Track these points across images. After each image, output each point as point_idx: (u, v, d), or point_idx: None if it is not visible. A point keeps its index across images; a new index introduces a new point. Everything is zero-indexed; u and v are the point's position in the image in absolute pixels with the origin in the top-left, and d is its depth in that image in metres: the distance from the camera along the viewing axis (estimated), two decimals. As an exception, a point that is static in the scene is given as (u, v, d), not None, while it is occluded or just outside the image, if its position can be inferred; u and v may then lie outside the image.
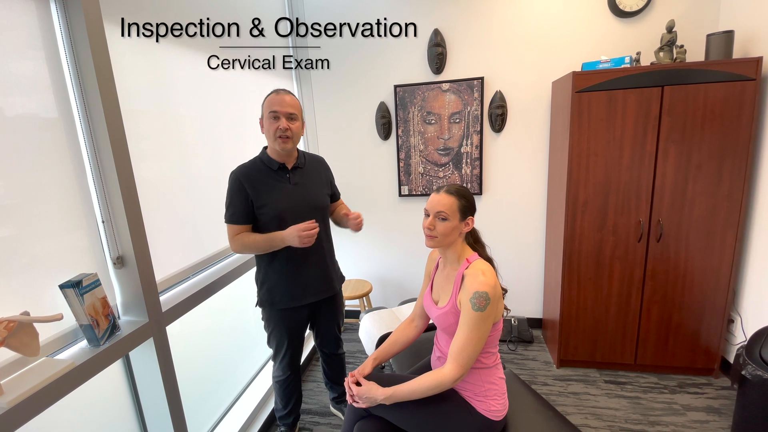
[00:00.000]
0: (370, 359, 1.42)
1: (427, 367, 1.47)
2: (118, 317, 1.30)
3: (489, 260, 1.29)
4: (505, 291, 1.27)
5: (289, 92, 1.55)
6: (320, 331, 1.90)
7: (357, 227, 1.70)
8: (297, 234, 1.47)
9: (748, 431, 1.67)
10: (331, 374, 2.04)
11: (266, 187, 1.56)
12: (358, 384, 1.31)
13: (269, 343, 1.77)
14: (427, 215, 1.26)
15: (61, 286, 1.07)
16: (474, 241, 1.32)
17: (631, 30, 2.36)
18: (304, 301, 1.68)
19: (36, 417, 0.94)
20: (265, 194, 1.55)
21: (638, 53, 2.16)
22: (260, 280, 1.68)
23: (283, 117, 1.51)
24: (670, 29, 2.12)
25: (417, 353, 1.74)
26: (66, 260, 1.14)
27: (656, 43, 2.25)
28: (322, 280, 1.72)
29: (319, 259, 1.69)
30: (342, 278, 1.86)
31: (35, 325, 0.97)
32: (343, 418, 2.06)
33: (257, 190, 1.54)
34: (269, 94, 1.54)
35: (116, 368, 1.36)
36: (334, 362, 2.01)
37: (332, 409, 2.15)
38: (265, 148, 1.63)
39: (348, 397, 1.32)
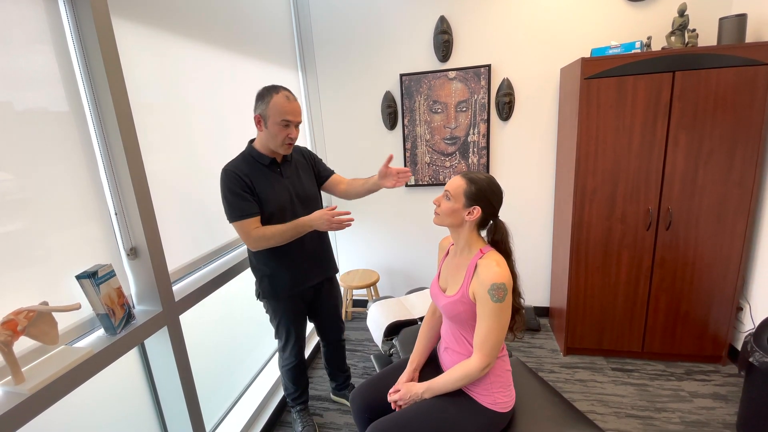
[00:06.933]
0: (410, 368, 1.42)
1: (435, 359, 1.49)
2: (133, 307, 1.34)
3: (511, 264, 1.25)
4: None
5: (295, 97, 1.54)
6: (322, 316, 1.92)
7: (400, 181, 1.63)
8: (327, 218, 1.48)
9: (754, 418, 1.68)
10: (334, 363, 2.08)
11: (264, 181, 1.56)
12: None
13: (277, 334, 1.80)
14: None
15: (78, 277, 1.10)
16: (494, 240, 1.27)
17: (642, 14, 2.31)
18: (305, 285, 1.72)
19: (56, 403, 0.98)
20: (265, 189, 1.55)
21: (649, 38, 2.12)
22: (259, 273, 1.68)
23: (293, 126, 1.52)
24: (681, 13, 2.07)
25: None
26: (81, 251, 1.17)
27: (667, 27, 2.20)
28: (320, 265, 1.78)
29: (315, 247, 1.74)
30: (336, 267, 1.89)
31: (54, 314, 1.00)
32: (347, 402, 2.10)
33: (257, 184, 1.53)
34: (275, 95, 1.48)
35: (132, 356, 1.40)
36: (337, 350, 2.05)
37: (333, 397, 2.19)
38: (252, 141, 1.62)
39: (394, 405, 1.34)
